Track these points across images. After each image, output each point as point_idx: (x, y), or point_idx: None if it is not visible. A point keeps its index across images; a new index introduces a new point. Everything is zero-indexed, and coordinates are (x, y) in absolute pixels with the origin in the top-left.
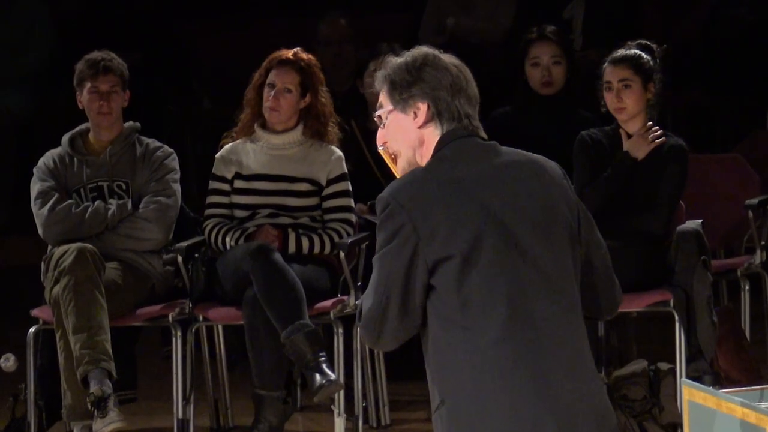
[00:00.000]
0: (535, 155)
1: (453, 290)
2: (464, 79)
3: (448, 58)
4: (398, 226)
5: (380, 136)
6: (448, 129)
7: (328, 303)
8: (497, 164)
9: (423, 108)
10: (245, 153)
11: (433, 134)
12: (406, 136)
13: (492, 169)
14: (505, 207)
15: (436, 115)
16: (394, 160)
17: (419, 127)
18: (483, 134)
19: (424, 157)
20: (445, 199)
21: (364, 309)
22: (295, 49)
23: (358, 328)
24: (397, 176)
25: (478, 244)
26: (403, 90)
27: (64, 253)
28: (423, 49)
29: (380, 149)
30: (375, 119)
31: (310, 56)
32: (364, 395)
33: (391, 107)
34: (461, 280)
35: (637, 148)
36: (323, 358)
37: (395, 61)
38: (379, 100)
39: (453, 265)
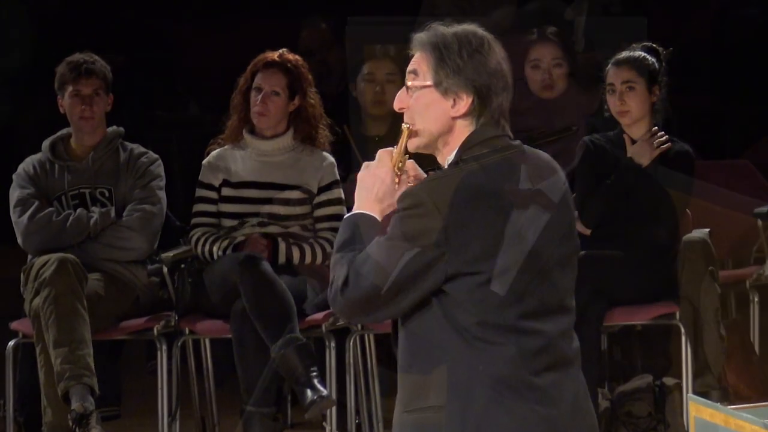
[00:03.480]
0: (549, 158)
1: (471, 302)
2: (509, 73)
3: (496, 45)
4: (428, 228)
5: (402, 101)
6: (481, 125)
7: (319, 316)
8: (526, 176)
9: (466, 101)
10: (233, 159)
11: (465, 128)
12: (436, 119)
13: (523, 183)
14: (537, 232)
15: (475, 110)
16: (410, 135)
17: (454, 117)
18: (510, 133)
19: (447, 146)
20: (480, 214)
21: (358, 281)
22: (280, 51)
23: (334, 291)
24: (402, 147)
25: (508, 268)
26: (451, 73)
27: (45, 264)
28: (479, 31)
29: (404, 126)
30: (405, 81)
31: (296, 57)
32: (357, 411)
33: (429, 83)
34: (482, 296)
35: (642, 154)
36: (315, 373)
37: (447, 32)
38: (415, 64)
39: (476, 280)
